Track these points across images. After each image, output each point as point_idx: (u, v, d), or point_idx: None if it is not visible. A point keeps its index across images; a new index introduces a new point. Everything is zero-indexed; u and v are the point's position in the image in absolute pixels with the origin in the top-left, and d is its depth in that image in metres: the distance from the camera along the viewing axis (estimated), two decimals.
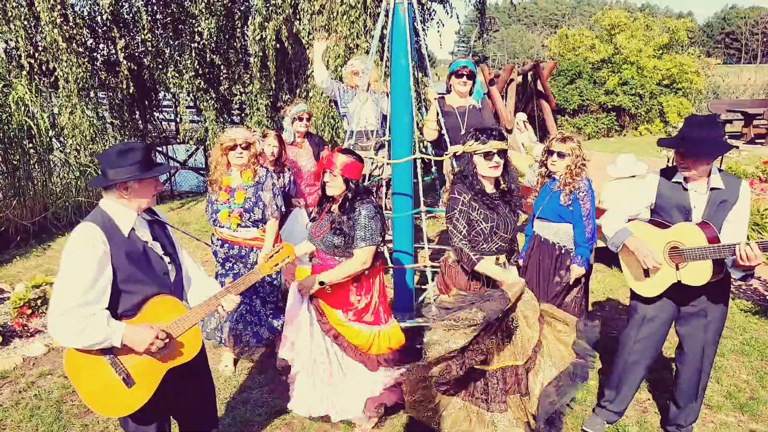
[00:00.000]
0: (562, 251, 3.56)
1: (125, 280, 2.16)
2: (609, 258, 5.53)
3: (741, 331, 4.41)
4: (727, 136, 11.16)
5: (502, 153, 2.81)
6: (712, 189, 2.73)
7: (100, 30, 8.76)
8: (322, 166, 3.04)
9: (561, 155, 3.53)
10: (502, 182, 2.90)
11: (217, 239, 3.82)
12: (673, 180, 2.83)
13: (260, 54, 7.94)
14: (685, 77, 15.51)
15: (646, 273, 2.89)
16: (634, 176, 5.60)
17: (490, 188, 2.89)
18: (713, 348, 2.95)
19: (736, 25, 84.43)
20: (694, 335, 2.92)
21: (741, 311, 4.77)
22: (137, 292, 2.21)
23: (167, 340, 2.19)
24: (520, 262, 3.77)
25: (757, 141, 13.23)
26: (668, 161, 6.55)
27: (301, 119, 4.63)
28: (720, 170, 2.79)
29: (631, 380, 3.11)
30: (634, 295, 3.04)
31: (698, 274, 2.70)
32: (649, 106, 15.65)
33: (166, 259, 2.34)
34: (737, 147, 11.34)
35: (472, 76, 4.38)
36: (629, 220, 3.01)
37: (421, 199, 4.13)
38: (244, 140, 3.66)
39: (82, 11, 8.47)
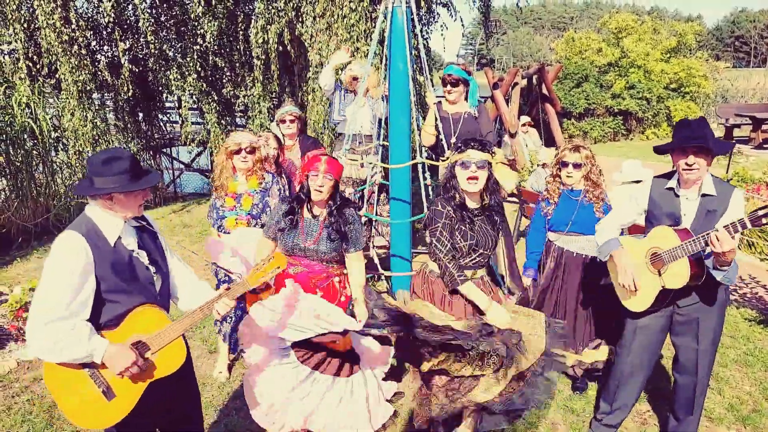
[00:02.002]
0: (588, 259, 3.49)
1: (109, 290, 2.11)
2: None
3: (745, 341, 4.32)
4: (734, 141, 11.04)
5: (483, 165, 2.66)
6: (703, 195, 2.67)
7: (103, 32, 8.79)
8: (307, 169, 2.98)
9: (577, 166, 3.44)
10: (484, 197, 2.76)
11: None
12: (666, 187, 2.77)
13: (263, 57, 7.94)
14: (693, 81, 15.39)
15: (635, 288, 2.83)
16: (639, 182, 5.53)
17: (472, 203, 2.77)
18: (709, 358, 2.85)
19: (745, 29, 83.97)
20: (687, 345, 2.84)
21: (745, 320, 4.68)
22: (121, 303, 2.15)
23: (144, 365, 2.12)
24: (528, 279, 3.67)
25: (765, 146, 13.06)
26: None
27: (284, 121, 4.60)
28: (714, 177, 2.72)
29: (627, 392, 3.04)
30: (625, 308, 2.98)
31: (678, 275, 2.64)
32: (657, 110, 15.53)
33: (152, 268, 2.28)
34: (734, 144, 11.34)
35: (457, 84, 4.30)
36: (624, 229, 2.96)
37: (425, 204, 4.09)
38: (249, 144, 3.64)
39: (85, 13, 8.48)
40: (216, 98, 8.77)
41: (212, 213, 3.75)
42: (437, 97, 4.53)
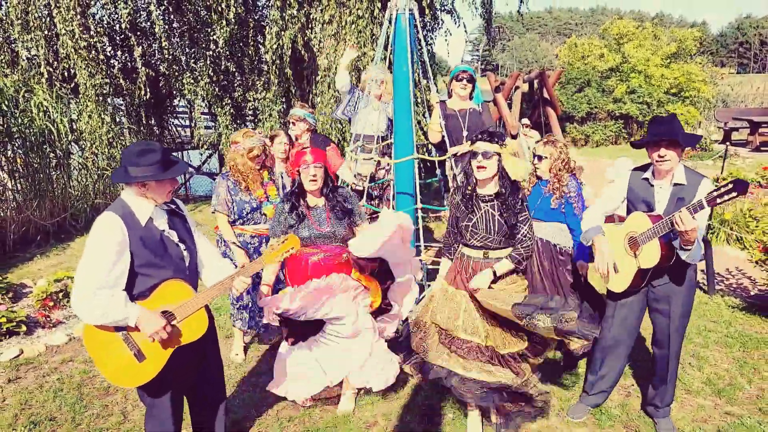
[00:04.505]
0: (561, 251, 3.74)
1: (142, 264, 2.38)
2: None
3: (726, 325, 4.59)
4: (728, 143, 11.29)
5: (489, 155, 2.91)
6: (675, 185, 2.94)
7: (117, 38, 9.11)
8: (296, 166, 3.23)
9: (540, 158, 3.76)
10: (497, 185, 3.01)
11: (251, 236, 4.03)
12: (642, 177, 3.06)
13: (277, 62, 8.23)
14: (693, 86, 15.62)
15: (615, 268, 3.09)
16: None
17: (484, 189, 3.04)
18: (678, 335, 3.10)
19: (750, 35, 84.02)
20: (661, 323, 3.12)
21: (729, 307, 4.96)
22: (153, 276, 2.42)
23: (171, 331, 2.39)
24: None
25: (762, 148, 13.30)
26: None
27: (293, 123, 4.90)
28: (686, 168, 2.98)
29: (610, 365, 3.30)
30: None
31: (650, 256, 2.91)
32: (657, 115, 15.76)
33: (182, 245, 2.55)
34: (701, 137, 11.77)
35: (471, 80, 4.61)
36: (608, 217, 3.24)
37: (418, 197, 4.36)
38: (263, 146, 3.98)
39: (102, 20, 8.80)
40: (228, 102, 9.06)
41: (238, 207, 3.96)
42: (440, 98, 4.81)
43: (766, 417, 3.40)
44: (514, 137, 10.11)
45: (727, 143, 10.75)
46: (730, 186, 2.43)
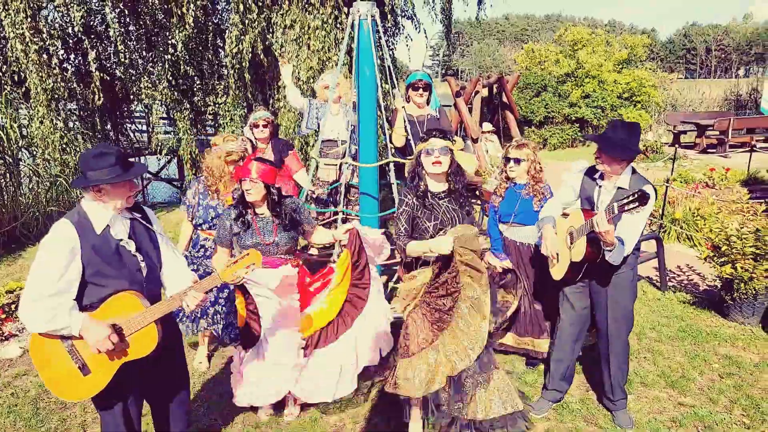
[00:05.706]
0: (533, 247, 3.83)
1: (94, 274, 2.32)
2: None
3: (678, 320, 4.80)
4: (676, 146, 11.78)
5: (444, 151, 2.95)
6: (618, 188, 3.05)
7: (71, 41, 8.85)
8: (238, 176, 3.20)
9: (517, 161, 3.81)
10: (450, 181, 3.06)
11: (213, 241, 3.96)
12: (594, 176, 3.19)
13: (237, 66, 8.14)
14: (643, 91, 16.22)
15: (557, 258, 3.24)
16: None
17: (437, 187, 3.06)
18: (620, 331, 3.22)
19: (696, 42, 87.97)
20: (599, 319, 3.27)
21: (680, 302, 5.18)
22: (105, 286, 2.35)
23: (118, 342, 2.30)
24: (500, 260, 3.91)
25: (708, 150, 13.93)
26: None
27: (257, 126, 4.85)
28: (635, 172, 3.08)
29: (561, 358, 3.44)
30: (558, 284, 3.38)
31: (579, 250, 3.06)
32: (610, 118, 16.30)
33: (139, 256, 2.47)
34: (645, 154, 12.45)
35: (427, 88, 4.67)
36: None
37: (396, 200, 4.39)
38: (244, 152, 3.94)
39: (54, 22, 8.54)
40: (188, 107, 8.92)
41: (203, 212, 3.89)
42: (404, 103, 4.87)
43: (716, 406, 3.58)
44: (474, 141, 10.28)
45: (676, 146, 11.23)
46: (637, 197, 2.61)
